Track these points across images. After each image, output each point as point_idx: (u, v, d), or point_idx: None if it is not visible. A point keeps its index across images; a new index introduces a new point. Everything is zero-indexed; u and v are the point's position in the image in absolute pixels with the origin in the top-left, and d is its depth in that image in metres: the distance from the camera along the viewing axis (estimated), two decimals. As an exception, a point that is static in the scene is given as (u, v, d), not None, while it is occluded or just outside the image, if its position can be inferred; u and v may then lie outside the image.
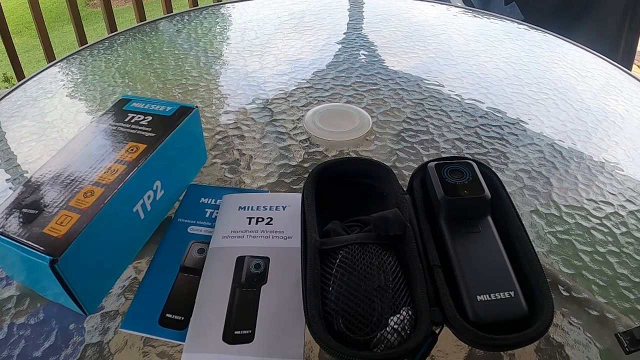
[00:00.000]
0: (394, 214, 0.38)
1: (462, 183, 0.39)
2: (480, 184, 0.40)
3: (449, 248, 0.37)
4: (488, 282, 0.34)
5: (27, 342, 0.39)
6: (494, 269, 0.35)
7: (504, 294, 0.34)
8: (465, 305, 0.34)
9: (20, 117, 0.69)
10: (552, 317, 0.33)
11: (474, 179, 0.40)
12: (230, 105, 0.70)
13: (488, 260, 0.36)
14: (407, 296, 0.35)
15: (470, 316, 0.33)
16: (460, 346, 0.38)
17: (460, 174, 0.40)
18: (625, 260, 0.46)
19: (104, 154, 0.44)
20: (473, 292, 0.34)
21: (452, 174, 0.40)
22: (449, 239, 0.37)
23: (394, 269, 0.36)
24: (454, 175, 0.40)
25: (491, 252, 0.36)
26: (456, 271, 0.36)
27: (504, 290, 0.34)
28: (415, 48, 0.86)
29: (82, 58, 0.86)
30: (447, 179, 0.40)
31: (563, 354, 0.38)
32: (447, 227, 0.38)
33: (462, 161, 0.42)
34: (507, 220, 0.40)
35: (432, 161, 0.43)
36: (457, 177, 0.40)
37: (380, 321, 0.33)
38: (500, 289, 0.34)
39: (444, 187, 0.39)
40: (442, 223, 0.39)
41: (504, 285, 0.34)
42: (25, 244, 0.35)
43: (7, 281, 0.44)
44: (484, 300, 0.33)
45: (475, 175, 0.40)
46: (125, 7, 4.17)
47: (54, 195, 0.39)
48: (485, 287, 0.34)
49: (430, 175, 0.41)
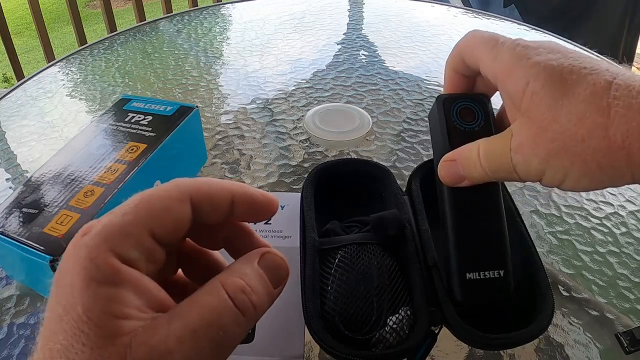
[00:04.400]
0: (392, 214, 0.38)
1: (472, 129, 0.31)
2: (491, 128, 0.31)
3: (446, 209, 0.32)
4: (481, 257, 0.31)
5: (27, 342, 0.39)
6: (490, 240, 0.31)
7: (494, 272, 0.30)
8: (453, 282, 0.31)
9: (20, 117, 0.69)
10: (552, 314, 0.32)
11: (486, 124, 0.31)
12: (230, 105, 0.70)
13: (486, 228, 0.31)
14: (405, 296, 0.35)
15: (457, 296, 0.31)
16: (460, 346, 0.38)
17: (471, 115, 0.32)
18: (625, 260, 0.46)
19: (104, 153, 0.44)
20: (463, 268, 0.31)
21: (462, 116, 0.32)
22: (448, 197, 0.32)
23: (392, 269, 0.36)
24: (465, 117, 0.32)
25: (491, 219, 0.31)
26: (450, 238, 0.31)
27: (494, 269, 0.30)
28: (415, 48, 0.86)
29: (82, 58, 0.86)
30: (455, 123, 0.32)
31: (563, 354, 0.38)
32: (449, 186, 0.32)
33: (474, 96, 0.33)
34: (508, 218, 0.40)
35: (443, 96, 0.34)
36: (468, 120, 0.32)
37: (379, 321, 0.33)
38: (491, 266, 0.30)
39: (450, 136, 0.31)
40: None
41: (495, 262, 0.30)
42: (26, 244, 0.35)
43: (7, 281, 0.44)
44: (472, 278, 0.30)
45: (488, 119, 0.32)
46: (125, 8, 4.18)
47: (54, 195, 0.39)
48: (477, 264, 0.31)
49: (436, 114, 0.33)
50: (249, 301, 0.19)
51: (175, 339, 0.17)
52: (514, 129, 0.26)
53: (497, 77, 0.27)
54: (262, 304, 0.20)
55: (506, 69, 0.26)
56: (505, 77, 0.26)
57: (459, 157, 0.29)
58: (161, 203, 0.20)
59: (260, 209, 0.23)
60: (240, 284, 0.20)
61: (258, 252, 0.21)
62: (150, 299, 0.19)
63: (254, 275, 0.20)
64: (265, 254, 0.22)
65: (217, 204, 0.21)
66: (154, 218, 0.19)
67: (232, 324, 0.19)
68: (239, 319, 0.19)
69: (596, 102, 0.23)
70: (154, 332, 0.17)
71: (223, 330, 0.18)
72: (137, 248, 0.19)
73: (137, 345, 0.17)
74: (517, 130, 0.26)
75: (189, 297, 0.19)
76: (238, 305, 0.19)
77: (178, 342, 0.17)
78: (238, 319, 0.19)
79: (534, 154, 0.25)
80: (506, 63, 0.26)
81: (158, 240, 0.20)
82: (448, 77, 0.33)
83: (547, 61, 0.25)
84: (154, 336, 0.17)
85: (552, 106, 0.24)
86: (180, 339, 0.17)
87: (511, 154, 0.26)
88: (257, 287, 0.20)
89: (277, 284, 0.21)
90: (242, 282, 0.20)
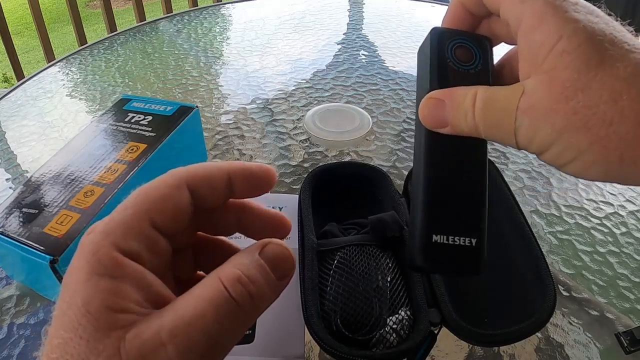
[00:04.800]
0: (391, 216, 0.38)
1: (467, 71, 0.26)
2: (488, 78, 0.26)
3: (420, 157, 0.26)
4: (453, 219, 0.25)
5: (27, 342, 0.39)
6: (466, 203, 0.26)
7: (465, 240, 0.25)
8: (415, 244, 0.25)
9: (20, 117, 0.69)
10: (553, 306, 0.32)
11: (484, 70, 0.26)
12: (230, 105, 0.70)
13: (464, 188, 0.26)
14: (405, 297, 0.35)
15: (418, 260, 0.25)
16: (460, 346, 0.38)
17: (469, 56, 0.26)
18: (625, 260, 0.46)
19: (104, 153, 0.44)
20: (431, 228, 0.25)
21: (458, 55, 0.26)
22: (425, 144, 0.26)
23: (391, 270, 0.36)
24: (461, 56, 0.26)
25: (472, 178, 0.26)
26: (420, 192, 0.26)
27: (466, 235, 0.25)
28: (415, 48, 0.86)
29: (82, 58, 0.86)
30: (449, 62, 0.26)
31: (563, 354, 0.38)
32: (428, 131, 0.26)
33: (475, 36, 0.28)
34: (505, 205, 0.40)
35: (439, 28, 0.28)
36: (465, 60, 0.26)
37: (379, 321, 0.33)
38: (463, 232, 0.25)
39: (441, 73, 0.26)
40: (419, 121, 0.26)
41: (469, 228, 0.25)
42: (26, 244, 0.35)
43: (7, 281, 0.44)
44: (438, 242, 0.25)
45: (487, 64, 0.26)
46: (125, 9, 4.18)
47: (54, 195, 0.39)
48: (447, 226, 0.25)
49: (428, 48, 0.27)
50: (246, 292, 0.19)
51: (168, 332, 0.17)
52: (528, 86, 0.22)
53: (521, 21, 0.22)
54: (261, 294, 0.19)
55: (536, 15, 0.22)
56: (534, 24, 0.22)
57: (449, 98, 0.24)
58: (158, 192, 0.20)
59: (258, 181, 0.22)
60: (236, 273, 0.19)
61: (261, 243, 0.21)
62: (151, 293, 0.19)
63: (253, 265, 0.20)
64: (267, 244, 0.21)
65: (214, 184, 0.21)
66: (152, 207, 0.20)
67: (228, 315, 0.18)
68: (236, 310, 0.18)
69: (637, 85, 0.20)
70: (148, 326, 0.17)
71: (218, 323, 0.18)
72: (138, 239, 0.19)
73: (131, 339, 0.17)
74: (532, 88, 0.22)
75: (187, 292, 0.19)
76: (234, 296, 0.18)
77: (171, 336, 0.17)
78: (234, 311, 0.18)
79: (546, 122, 0.21)
80: (538, 9, 0.22)
81: (160, 230, 0.20)
82: (452, 11, 0.27)
83: (587, 22, 0.21)
84: (147, 329, 0.17)
85: (584, 73, 0.20)
86: (173, 332, 0.17)
87: (517, 113, 0.22)
88: (255, 277, 0.19)
89: (281, 276, 0.20)
90: (238, 272, 0.19)
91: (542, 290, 0.33)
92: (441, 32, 0.27)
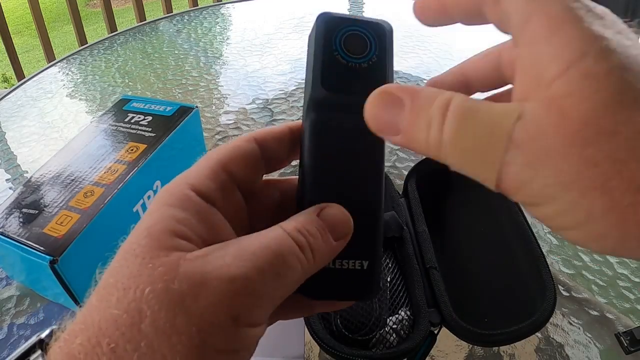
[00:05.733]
0: (391, 216, 0.38)
1: (358, 64, 0.21)
2: (385, 72, 0.22)
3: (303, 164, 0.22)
4: None
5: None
6: (357, 218, 0.21)
7: (355, 263, 0.22)
8: None
9: (20, 117, 0.69)
10: (553, 306, 0.32)
11: (379, 62, 0.22)
12: (230, 105, 0.70)
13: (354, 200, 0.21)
14: (405, 297, 0.35)
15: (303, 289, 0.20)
16: (460, 346, 0.38)
17: (361, 46, 0.22)
18: (625, 260, 0.46)
19: (104, 154, 0.44)
20: None
21: (348, 45, 0.21)
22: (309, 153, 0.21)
23: (391, 270, 0.36)
24: (351, 47, 0.22)
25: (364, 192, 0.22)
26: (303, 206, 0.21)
27: (356, 258, 0.22)
28: (415, 48, 0.86)
29: (82, 58, 0.86)
30: (336, 54, 0.21)
31: (563, 354, 0.38)
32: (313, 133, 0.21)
33: (372, 23, 0.23)
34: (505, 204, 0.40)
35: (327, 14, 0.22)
36: (356, 52, 0.21)
37: (379, 321, 0.33)
38: (353, 254, 0.22)
39: (325, 69, 0.21)
40: (306, 124, 0.21)
41: (360, 249, 0.22)
42: (25, 244, 0.35)
43: (7, 281, 0.44)
44: (325, 267, 0.21)
45: (384, 56, 0.22)
46: (125, 8, 4.17)
47: (54, 195, 0.39)
48: None
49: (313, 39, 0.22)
50: (305, 241, 0.19)
51: (233, 256, 0.17)
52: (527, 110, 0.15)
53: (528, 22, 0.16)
54: (319, 248, 0.19)
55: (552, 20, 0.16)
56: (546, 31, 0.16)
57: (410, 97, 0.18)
58: (229, 145, 0.21)
59: None
60: (296, 225, 0.19)
61: (319, 205, 0.21)
62: (218, 234, 0.19)
63: (311, 222, 0.20)
64: (325, 207, 0.20)
65: (277, 136, 0.22)
66: (225, 156, 0.21)
67: (290, 255, 0.18)
68: (297, 252, 0.18)
69: None
70: (210, 251, 0.17)
71: (282, 259, 0.18)
72: (212, 180, 0.20)
73: (192, 258, 0.17)
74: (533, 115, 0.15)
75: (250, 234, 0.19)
76: (296, 241, 0.18)
77: (237, 259, 0.17)
78: (296, 252, 0.18)
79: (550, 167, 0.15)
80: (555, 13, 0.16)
81: (235, 179, 0.21)
82: None
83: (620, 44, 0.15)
84: (210, 253, 0.17)
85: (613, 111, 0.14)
86: (238, 257, 0.17)
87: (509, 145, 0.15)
88: (314, 232, 0.19)
89: (337, 236, 0.20)
90: (299, 224, 0.19)
91: (542, 290, 0.33)
92: (329, 18, 0.22)
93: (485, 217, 0.42)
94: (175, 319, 0.16)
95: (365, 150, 0.22)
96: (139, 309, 0.16)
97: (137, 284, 0.16)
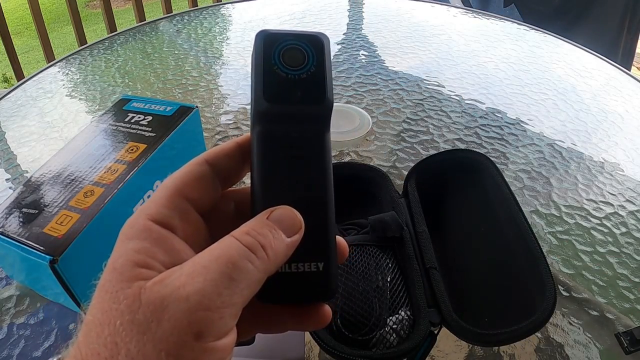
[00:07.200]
0: (391, 216, 0.38)
1: (298, 76, 0.23)
2: (324, 80, 0.23)
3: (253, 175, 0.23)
4: None
5: (27, 342, 0.39)
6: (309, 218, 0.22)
7: (310, 265, 0.22)
8: None
9: (20, 117, 0.69)
10: (553, 306, 0.32)
11: (318, 71, 0.23)
12: (230, 105, 0.70)
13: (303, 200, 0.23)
14: (405, 297, 0.35)
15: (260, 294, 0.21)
16: (460, 346, 0.38)
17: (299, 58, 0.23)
18: (625, 260, 0.46)
19: (104, 153, 0.44)
20: None
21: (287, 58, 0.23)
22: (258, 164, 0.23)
23: (391, 270, 0.36)
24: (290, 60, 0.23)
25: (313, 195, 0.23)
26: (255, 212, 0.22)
27: (311, 260, 0.22)
28: (415, 48, 0.86)
29: (82, 58, 0.86)
30: (276, 67, 0.23)
31: (563, 354, 0.38)
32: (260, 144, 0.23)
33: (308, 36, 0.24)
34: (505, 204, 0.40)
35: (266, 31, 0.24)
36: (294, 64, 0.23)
37: (379, 321, 0.33)
38: (307, 256, 0.22)
39: (266, 84, 0.23)
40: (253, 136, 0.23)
41: (313, 251, 0.23)
42: (25, 244, 0.35)
43: (7, 281, 0.44)
44: (280, 271, 0.22)
45: (322, 65, 0.24)
46: (125, 9, 4.17)
47: (54, 195, 0.39)
48: None
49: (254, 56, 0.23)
50: (255, 241, 0.20)
51: (187, 275, 0.18)
52: None
53: None
54: (272, 246, 0.20)
55: None
56: None
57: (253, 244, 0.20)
58: (182, 170, 0.22)
59: None
60: (246, 229, 0.20)
61: (268, 210, 0.22)
62: (179, 258, 0.20)
63: (261, 224, 0.21)
64: (274, 210, 0.22)
65: (228, 154, 0.23)
66: (179, 182, 0.22)
67: (241, 258, 0.19)
68: (248, 254, 0.19)
69: None
70: (168, 274, 0.18)
71: (232, 263, 0.18)
72: (167, 206, 0.21)
73: (151, 285, 0.18)
74: None
75: None
76: (245, 244, 0.19)
77: (190, 277, 0.18)
78: (247, 255, 0.19)
79: None
80: None
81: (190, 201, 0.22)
82: None
83: None
84: (167, 277, 0.18)
85: None
86: (191, 274, 0.18)
87: None
88: (264, 232, 0.20)
89: (289, 233, 0.21)
90: (248, 228, 0.20)
91: (542, 290, 0.33)
92: (266, 34, 0.24)
93: (485, 217, 0.42)
94: (145, 347, 0.17)
95: (310, 155, 0.23)
96: (115, 342, 0.17)
97: (109, 318, 0.18)
